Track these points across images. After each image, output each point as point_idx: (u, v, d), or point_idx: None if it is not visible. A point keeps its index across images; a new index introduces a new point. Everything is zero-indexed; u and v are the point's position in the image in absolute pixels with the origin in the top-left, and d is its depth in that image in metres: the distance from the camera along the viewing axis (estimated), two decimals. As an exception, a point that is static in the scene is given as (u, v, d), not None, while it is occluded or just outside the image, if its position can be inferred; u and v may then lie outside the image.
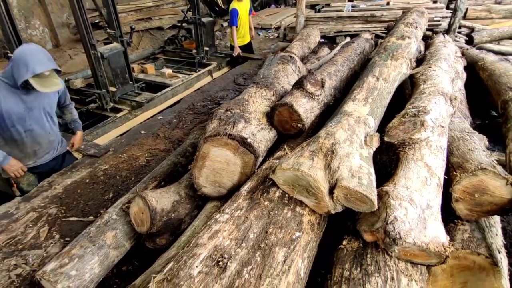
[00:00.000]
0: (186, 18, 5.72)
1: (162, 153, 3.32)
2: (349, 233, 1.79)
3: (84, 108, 4.23)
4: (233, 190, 2.09)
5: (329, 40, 6.23)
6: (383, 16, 6.01)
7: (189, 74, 5.28)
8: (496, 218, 1.94)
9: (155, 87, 5.04)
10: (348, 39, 5.51)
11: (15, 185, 2.72)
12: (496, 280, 1.55)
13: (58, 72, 2.22)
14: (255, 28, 6.65)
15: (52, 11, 5.86)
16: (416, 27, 2.93)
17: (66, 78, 5.04)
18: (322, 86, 2.32)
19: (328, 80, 2.45)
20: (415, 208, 1.49)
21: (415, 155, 1.70)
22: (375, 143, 1.79)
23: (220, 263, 1.40)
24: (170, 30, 7.36)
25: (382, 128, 2.07)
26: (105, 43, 4.59)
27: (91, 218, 2.57)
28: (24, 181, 2.71)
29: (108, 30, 4.23)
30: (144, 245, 2.22)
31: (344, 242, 1.71)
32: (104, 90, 4.21)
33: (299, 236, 1.60)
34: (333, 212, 1.66)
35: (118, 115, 4.23)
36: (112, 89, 4.30)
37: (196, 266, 1.39)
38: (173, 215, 2.09)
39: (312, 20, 6.52)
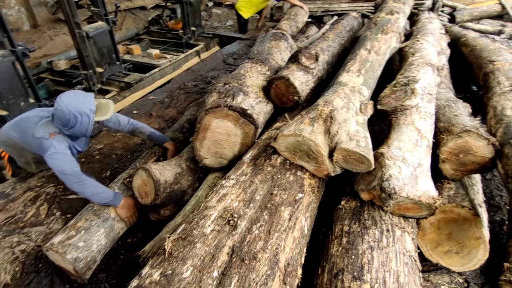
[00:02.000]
0: (170, -2, 5.60)
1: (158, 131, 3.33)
2: (346, 195, 1.92)
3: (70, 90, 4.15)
4: (234, 161, 2.17)
5: (316, 20, 6.26)
6: (368, -4, 6.08)
7: (176, 55, 5.22)
8: (477, 178, 2.12)
9: (142, 68, 4.97)
10: (335, 18, 5.57)
11: (9, 169, 2.65)
12: (478, 229, 1.73)
13: None
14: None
15: (28, -11, 5.58)
16: (404, 3, 3.03)
17: (48, 60, 4.89)
18: (316, 59, 2.40)
19: (321, 54, 2.53)
20: (408, 167, 1.62)
21: (407, 120, 1.82)
22: (370, 111, 1.91)
23: (231, 221, 1.49)
24: (153, 10, 7.16)
25: (374, 98, 2.19)
26: (89, 23, 4.47)
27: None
28: (33, 168, 2.62)
29: (92, 8, 4.11)
30: (148, 218, 2.29)
31: (343, 202, 1.84)
32: (90, 71, 4.12)
33: (302, 197, 1.71)
34: (332, 174, 1.77)
35: (106, 96, 4.17)
36: (99, 69, 4.22)
37: (208, 225, 1.48)
38: (176, 187, 2.16)
39: None
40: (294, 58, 2.38)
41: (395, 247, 1.54)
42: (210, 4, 8.24)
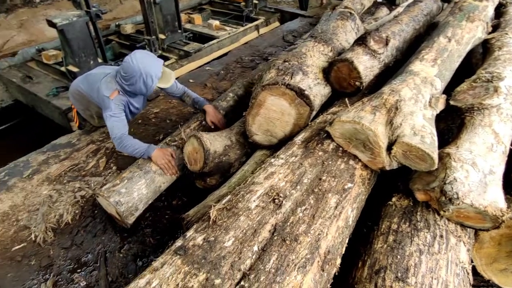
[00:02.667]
0: (236, -32, 5.51)
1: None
2: (398, 192, 1.81)
3: (133, 53, 4.36)
4: (284, 141, 2.14)
5: (387, 1, 5.79)
6: (451, -22, 5.43)
7: (236, 28, 5.20)
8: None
9: (201, 38, 5.03)
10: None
11: (76, 121, 2.89)
12: (549, 253, 1.54)
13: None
14: None
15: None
16: (496, -12, 2.65)
17: (117, 23, 5.15)
18: (386, 44, 2.22)
19: (392, 39, 2.34)
20: (477, 172, 1.46)
21: (484, 120, 1.63)
22: (440, 105, 1.73)
23: (276, 200, 1.48)
24: (217, -20, 7.13)
25: (446, 92, 1.98)
26: (157, -11, 4.57)
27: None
28: (96, 121, 2.83)
29: (161, -25, 4.19)
30: (194, 184, 2.38)
31: (394, 199, 1.74)
32: (153, 37, 4.28)
33: (351, 187, 1.64)
34: (387, 168, 1.67)
35: (166, 63, 4.31)
36: (161, 36, 4.36)
37: (254, 201, 1.49)
38: (224, 158, 2.20)
39: (369, -23, 6.03)
40: (361, 40, 2.23)
41: (447, 255, 1.43)
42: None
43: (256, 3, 5.40)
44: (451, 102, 1.78)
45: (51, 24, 3.40)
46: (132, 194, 2.07)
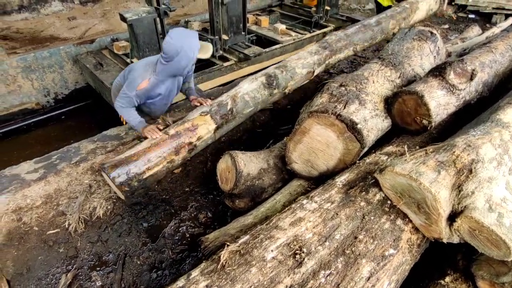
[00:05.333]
0: (312, -29, 5.25)
1: (259, 112, 3.25)
2: (455, 269, 1.45)
3: (196, 51, 4.40)
4: (325, 175, 1.90)
5: (482, 18, 4.99)
6: None
7: (302, 34, 4.95)
8: None
9: (265, 41, 4.89)
10: (511, 19, 4.29)
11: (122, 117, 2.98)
12: None
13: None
14: None
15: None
16: None
17: (186, 20, 5.27)
18: (471, 79, 1.82)
19: (480, 72, 1.91)
20: None
21: None
22: (534, 173, 1.33)
23: (297, 256, 1.27)
24: (292, -18, 6.94)
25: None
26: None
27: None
28: None
29: (232, -24, 4.14)
30: (223, 202, 2.26)
31: (447, 279, 1.40)
32: (217, 37, 4.25)
33: (393, 254, 1.35)
34: (445, 241, 1.34)
35: (225, 64, 4.27)
36: (224, 37, 4.32)
37: (272, 250, 1.29)
38: (257, 182, 2.03)
39: (464, -11, 5.28)
40: (438, 71, 1.86)
41: None
42: (354, -18, 7.51)
43: (327, 10, 5.07)
44: (551, 170, 1.36)
45: (123, 18, 3.56)
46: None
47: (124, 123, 2.93)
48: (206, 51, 2.30)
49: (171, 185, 2.51)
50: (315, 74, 3.00)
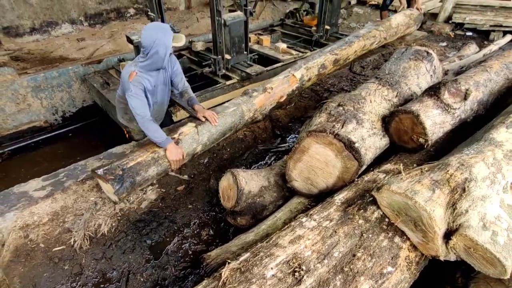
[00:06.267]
0: (313, -8, 5.43)
1: (260, 130, 3.32)
2: (454, 287, 1.47)
3: (199, 70, 4.52)
4: (324, 193, 1.94)
5: (480, 35, 5.08)
6: None
7: (303, 52, 5.08)
8: None
9: (267, 60, 5.02)
10: (508, 37, 4.37)
11: (127, 134, 3.07)
12: None
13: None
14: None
15: (190, -26, 6.30)
16: None
17: (190, 40, 5.45)
18: (465, 98, 1.87)
19: (474, 91, 1.97)
20: None
21: None
22: (528, 191, 1.36)
23: (296, 273, 1.30)
24: (293, 2, 7.16)
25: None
26: (230, 11, 4.71)
27: (185, 176, 2.77)
28: (135, 130, 3.00)
29: (236, -2, 4.31)
30: (225, 219, 2.30)
31: (447, 297, 1.40)
32: (219, 57, 4.37)
33: (391, 272, 1.37)
34: (441, 259, 1.36)
35: (227, 82, 4.38)
36: (227, 56, 4.44)
37: (271, 268, 1.32)
38: (258, 199, 2.07)
39: (463, 7, 5.38)
40: (433, 91, 1.92)
41: None
42: (353, 2, 7.72)
43: (327, 29, 5.22)
44: (544, 188, 1.39)
45: (129, 40, 3.70)
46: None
47: (128, 138, 2.99)
48: (179, 40, 2.37)
49: (175, 202, 2.55)
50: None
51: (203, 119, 2.63)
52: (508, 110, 1.75)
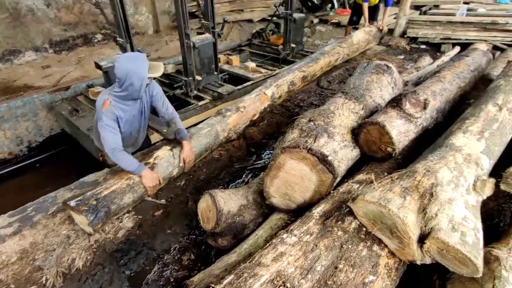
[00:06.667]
0: (277, 13, 5.65)
1: (235, 148, 3.34)
2: (433, 289, 1.52)
3: (171, 92, 4.52)
4: (303, 207, 1.97)
5: (433, 48, 5.50)
6: (508, 25, 5.05)
7: (271, 70, 5.23)
8: None
9: (237, 79, 5.11)
10: (457, 48, 4.78)
11: (101, 157, 2.99)
12: None
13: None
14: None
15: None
16: (562, 47, 2.33)
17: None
18: (424, 107, 2.01)
19: (432, 100, 2.12)
20: (536, 288, 1.17)
21: (545, 217, 1.34)
22: (488, 191, 1.47)
23: (281, 291, 1.30)
24: (259, 23, 7.41)
25: (495, 172, 1.70)
26: (198, 33, 4.79)
27: (162, 201, 2.71)
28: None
29: (203, 21, 4.39)
30: (206, 242, 2.26)
31: (426, 299, 1.46)
32: (190, 78, 4.40)
33: (373, 280, 1.41)
34: (418, 263, 1.41)
35: (200, 103, 4.40)
36: (198, 77, 4.48)
37: (256, 288, 1.32)
38: (238, 218, 2.06)
39: (415, 23, 5.83)
40: (396, 102, 2.05)
41: None
42: (316, 21, 8.12)
43: (293, 47, 5.43)
44: (502, 187, 1.51)
45: (98, 66, 3.65)
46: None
47: (102, 162, 2.90)
48: (157, 69, 2.35)
49: (152, 228, 2.48)
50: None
51: (182, 161, 2.61)
52: (463, 117, 1.89)
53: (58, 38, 5.42)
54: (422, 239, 1.36)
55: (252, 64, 5.18)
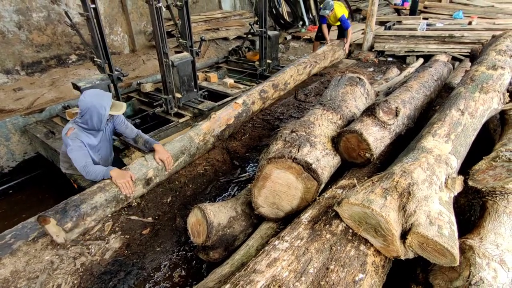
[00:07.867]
0: (252, 31, 5.86)
1: (219, 163, 3.39)
2: (417, 283, 1.63)
3: (151, 111, 4.52)
4: (291, 214, 2.05)
5: (399, 60, 5.90)
6: (463, 38, 5.53)
7: (249, 86, 5.38)
8: None
9: (217, 95, 5.20)
10: (420, 60, 5.15)
11: (74, 183, 2.97)
12: None
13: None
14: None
15: (132, 19, 6.42)
16: (511, 56, 2.62)
17: (138, 82, 5.45)
18: (396, 115, 2.17)
19: (402, 108, 2.30)
20: (507, 272, 1.29)
21: (508, 207, 1.49)
22: (458, 187, 1.61)
23: (278, 295, 1.35)
24: (235, 40, 7.61)
25: (463, 170, 1.87)
26: (176, 52, 4.87)
27: (149, 219, 2.70)
28: (81, 177, 2.91)
29: (181, 40, 4.48)
30: (197, 256, 2.27)
31: (411, 293, 1.55)
32: (170, 96, 4.44)
33: (362, 278, 1.49)
34: (402, 258, 1.52)
35: (181, 120, 4.43)
36: (177, 95, 4.53)
37: (253, 295, 1.36)
38: (228, 230, 2.10)
39: (381, 37, 6.25)
40: (370, 111, 2.20)
41: None
42: (289, 37, 8.46)
43: (269, 63, 5.63)
44: (470, 183, 1.66)
45: (76, 87, 3.61)
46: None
47: (77, 189, 2.87)
48: (119, 108, 2.53)
49: (141, 247, 2.46)
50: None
51: (159, 162, 2.68)
52: (431, 122, 2.07)
53: (30, 59, 5.31)
54: (404, 235, 1.46)
55: (230, 81, 5.30)
